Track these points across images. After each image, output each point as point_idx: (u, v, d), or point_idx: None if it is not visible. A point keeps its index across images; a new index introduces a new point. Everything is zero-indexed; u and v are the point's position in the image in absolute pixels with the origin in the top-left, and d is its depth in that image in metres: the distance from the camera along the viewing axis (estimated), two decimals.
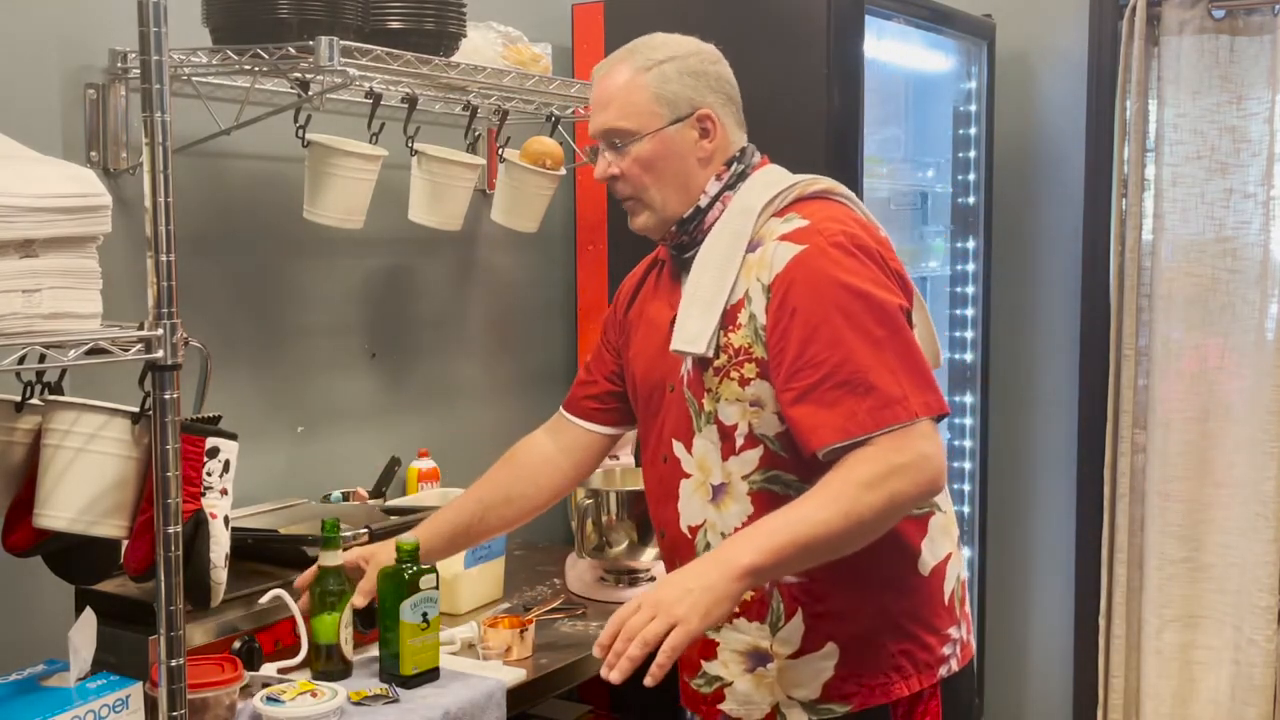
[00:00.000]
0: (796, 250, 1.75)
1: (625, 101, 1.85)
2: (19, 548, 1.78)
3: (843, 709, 1.80)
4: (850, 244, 1.75)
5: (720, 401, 1.80)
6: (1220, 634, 3.27)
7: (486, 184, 2.92)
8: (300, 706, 1.79)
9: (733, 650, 1.86)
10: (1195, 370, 3.25)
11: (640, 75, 1.86)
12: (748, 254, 1.80)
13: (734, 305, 1.79)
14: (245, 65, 2.10)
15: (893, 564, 1.81)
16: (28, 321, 1.47)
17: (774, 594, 1.81)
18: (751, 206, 1.82)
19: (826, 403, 1.68)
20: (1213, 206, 3.21)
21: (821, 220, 1.78)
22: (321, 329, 2.68)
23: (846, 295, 1.71)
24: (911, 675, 1.81)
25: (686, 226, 1.86)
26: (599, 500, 2.54)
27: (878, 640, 1.80)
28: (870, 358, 1.68)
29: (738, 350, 1.78)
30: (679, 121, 1.84)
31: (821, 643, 1.80)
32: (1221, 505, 3.25)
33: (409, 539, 2.01)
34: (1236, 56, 3.16)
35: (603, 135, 1.87)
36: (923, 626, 1.82)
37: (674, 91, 1.85)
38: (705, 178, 1.86)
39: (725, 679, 1.87)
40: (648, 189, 1.85)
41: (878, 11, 2.88)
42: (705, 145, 1.85)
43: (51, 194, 1.48)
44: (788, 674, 1.82)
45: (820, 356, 1.69)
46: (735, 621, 1.83)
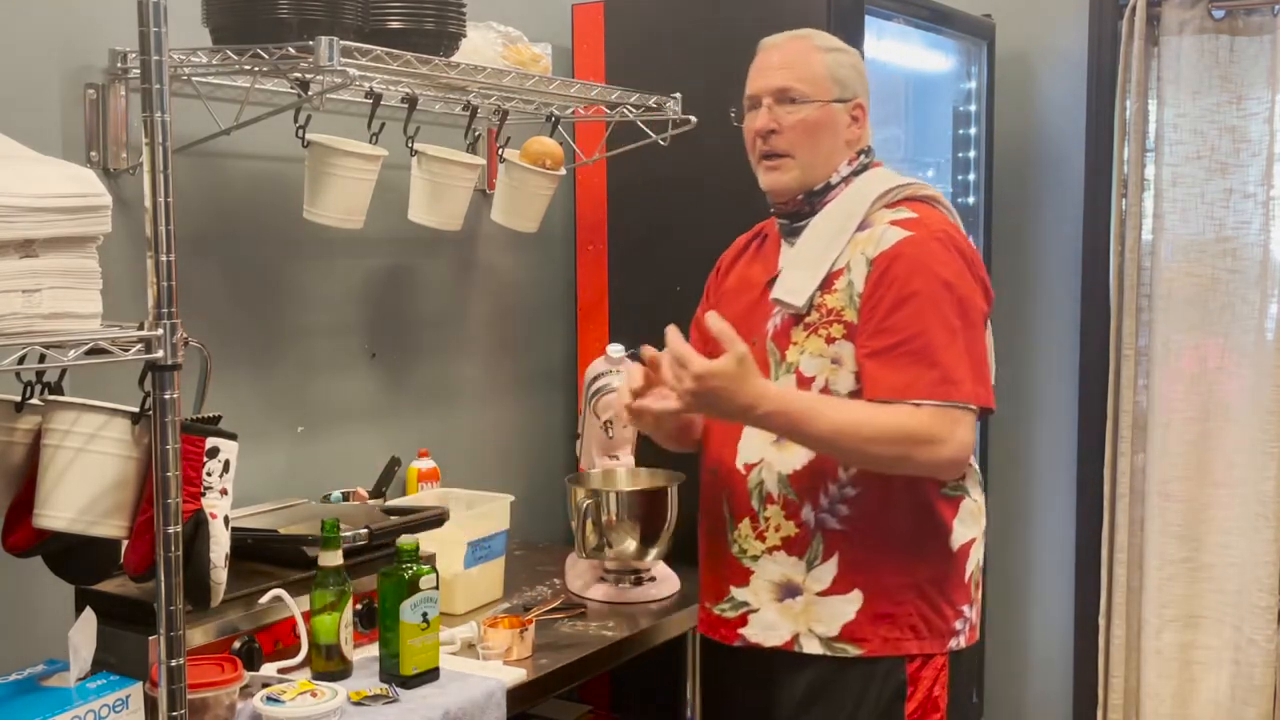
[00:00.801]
0: (904, 235, 1.99)
1: (806, 70, 2.08)
2: (19, 548, 1.78)
3: (856, 651, 2.01)
4: (950, 243, 2.01)
5: (804, 354, 2.02)
6: (1220, 634, 3.27)
7: (486, 184, 2.92)
8: (300, 706, 1.79)
9: (766, 579, 2.06)
10: (1195, 370, 3.25)
11: (820, 54, 2.10)
12: (857, 232, 2.03)
13: (835, 272, 2.02)
14: (245, 65, 2.10)
15: (928, 533, 2.03)
16: (28, 321, 1.47)
17: (816, 535, 2.02)
18: (868, 193, 2.07)
19: (895, 365, 1.93)
20: (1213, 206, 3.21)
21: (928, 217, 2.04)
22: (321, 329, 2.68)
23: (937, 283, 1.96)
24: (925, 637, 2.02)
25: (812, 197, 2.10)
26: (599, 500, 2.54)
27: (900, 596, 2.01)
28: (944, 340, 1.93)
29: (830, 311, 2.01)
30: (842, 102, 2.08)
31: (849, 587, 2.01)
32: (1221, 505, 3.25)
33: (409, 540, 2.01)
34: (1236, 56, 3.16)
35: (776, 92, 2.07)
36: (942, 596, 2.03)
37: (844, 76, 2.09)
38: (842, 159, 2.10)
39: (752, 605, 2.07)
40: (803, 150, 2.07)
41: (878, 11, 2.88)
42: (853, 130, 2.10)
43: (51, 194, 1.48)
44: (813, 609, 2.03)
45: (901, 325, 1.94)
46: (774, 554, 2.04)
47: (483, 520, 2.48)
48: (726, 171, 2.89)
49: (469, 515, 2.48)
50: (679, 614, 2.52)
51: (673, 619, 2.50)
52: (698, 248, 2.96)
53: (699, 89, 2.80)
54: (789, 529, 2.03)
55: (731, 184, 2.89)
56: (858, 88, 2.10)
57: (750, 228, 2.87)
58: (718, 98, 2.82)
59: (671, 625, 2.50)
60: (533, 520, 3.04)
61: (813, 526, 2.02)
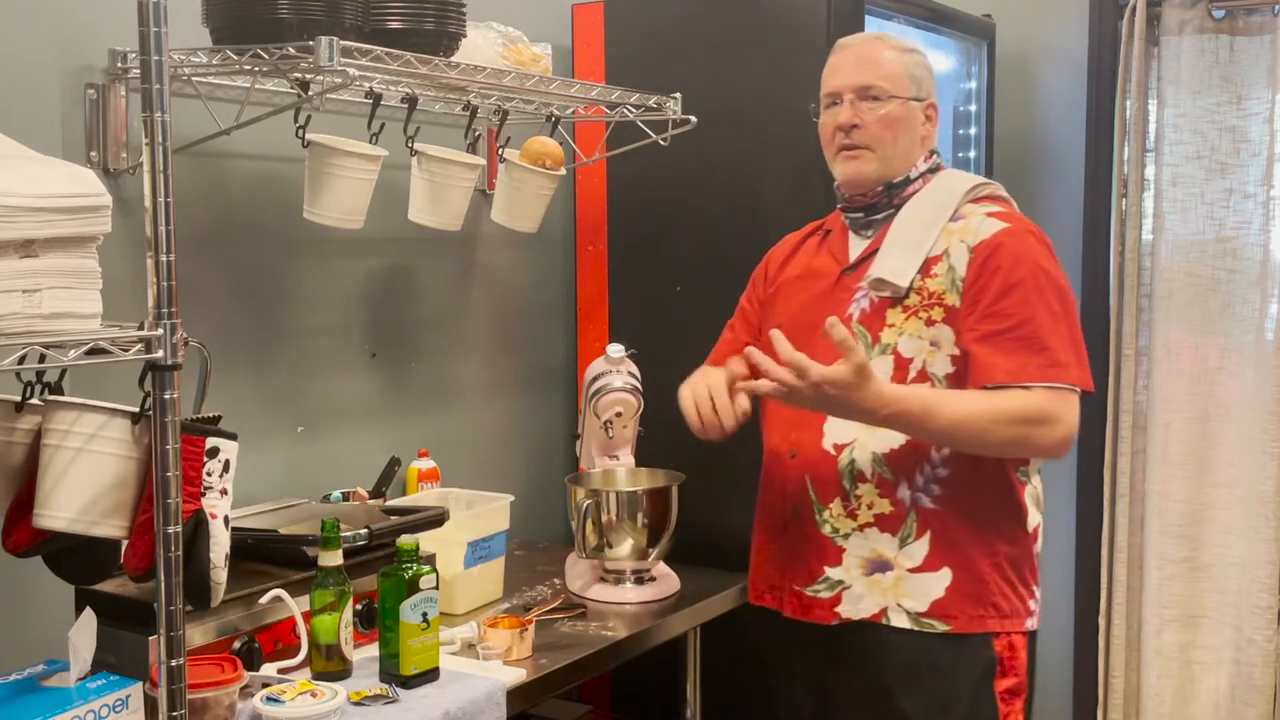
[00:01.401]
0: (1002, 226, 2.11)
1: (886, 67, 2.17)
2: (19, 548, 1.78)
3: (943, 627, 2.09)
4: (1040, 237, 2.13)
5: (903, 335, 2.10)
6: (1220, 634, 3.27)
7: (486, 184, 2.92)
8: (300, 706, 1.79)
9: (858, 556, 2.12)
10: (1195, 370, 3.25)
11: (897, 53, 2.20)
12: (949, 223, 2.13)
13: (932, 257, 2.11)
14: (245, 65, 2.10)
15: (1010, 513, 2.12)
16: (28, 321, 1.47)
17: (910, 514, 2.09)
18: (955, 188, 2.18)
19: (1005, 350, 2.02)
20: (1213, 206, 3.21)
21: (1015, 214, 2.18)
22: (321, 329, 2.68)
23: (1040, 272, 2.07)
24: (1008, 615, 2.11)
25: (892, 190, 2.18)
26: (599, 500, 2.54)
27: (985, 574, 2.09)
28: (1049, 325, 2.03)
29: (931, 294, 2.09)
30: (918, 101, 2.18)
31: (939, 564, 2.09)
32: (1221, 505, 3.25)
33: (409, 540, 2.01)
34: (1236, 56, 3.16)
35: (858, 89, 2.15)
36: (1019, 576, 2.13)
37: (920, 76, 2.20)
38: (918, 155, 2.20)
39: (846, 582, 2.13)
40: (883, 144, 2.16)
41: (878, 11, 2.88)
42: (927, 128, 2.21)
43: (51, 194, 1.48)
44: (903, 584, 2.10)
45: (1009, 311, 2.03)
46: (866, 531, 2.11)
47: (483, 520, 2.48)
48: (726, 171, 2.91)
49: (469, 515, 2.48)
50: (679, 614, 2.52)
51: (673, 619, 2.50)
52: (698, 248, 2.97)
53: (699, 89, 2.80)
54: (883, 506, 2.10)
55: (731, 184, 2.91)
56: (930, 88, 2.21)
57: (750, 228, 2.88)
58: (718, 98, 2.84)
59: (671, 625, 2.50)
60: (533, 520, 3.04)
61: (908, 504, 2.09)
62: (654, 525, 2.55)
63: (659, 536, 2.56)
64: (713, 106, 2.80)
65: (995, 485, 2.11)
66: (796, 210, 2.79)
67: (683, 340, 2.96)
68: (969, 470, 2.08)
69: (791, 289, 2.29)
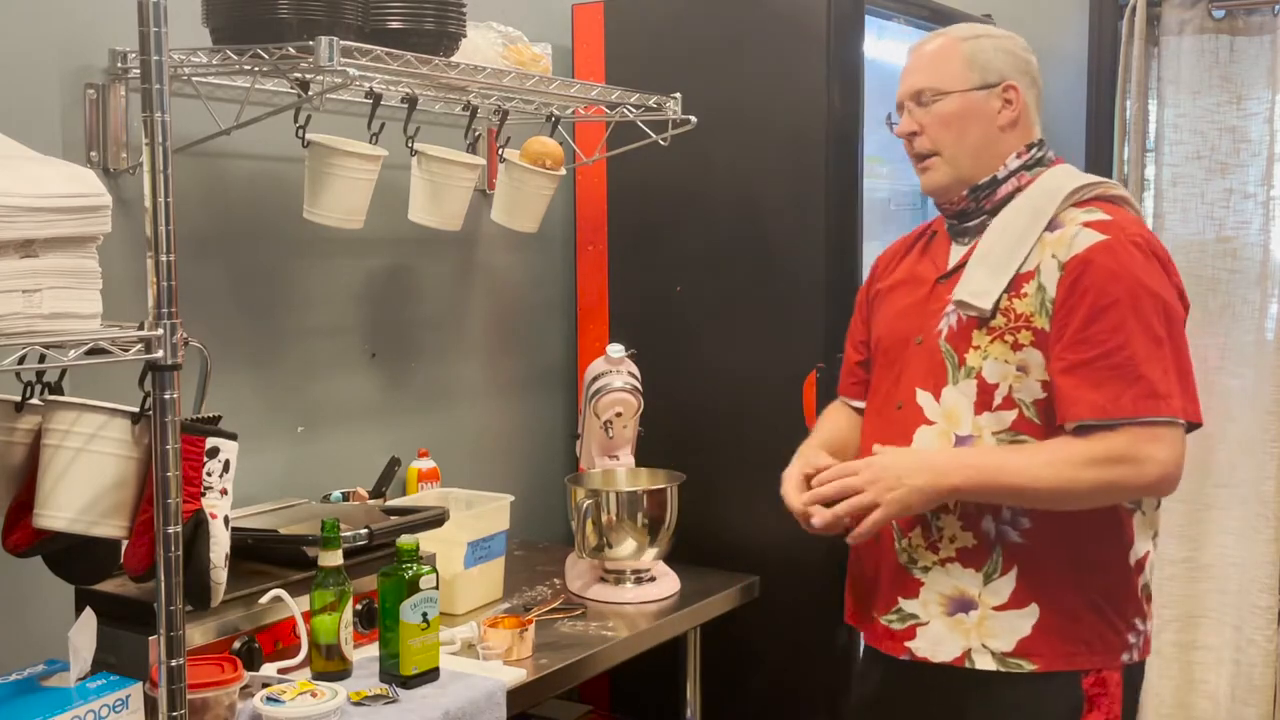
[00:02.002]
0: (1099, 238, 1.88)
1: (939, 63, 2.01)
2: (19, 548, 1.78)
3: (1030, 666, 1.93)
4: (1148, 246, 1.90)
5: (987, 359, 1.93)
6: (1220, 634, 3.27)
7: (486, 184, 2.92)
8: (300, 706, 1.79)
9: (938, 592, 1.97)
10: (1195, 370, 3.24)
11: (957, 44, 2.02)
12: (1046, 232, 1.93)
13: (1023, 274, 1.92)
14: (245, 65, 2.10)
15: (1108, 547, 1.95)
16: (28, 321, 1.47)
17: (996, 548, 1.94)
18: (1057, 190, 1.96)
19: (1094, 381, 1.83)
20: (1213, 206, 3.21)
21: (1124, 219, 1.93)
22: (321, 329, 2.68)
23: (1139, 290, 1.85)
24: (1099, 652, 1.94)
25: (979, 193, 2.01)
26: (599, 500, 2.55)
27: (1076, 611, 1.93)
28: (1147, 351, 1.84)
29: (1019, 316, 1.91)
30: (987, 88, 1.99)
31: (1026, 602, 1.93)
32: (1221, 505, 3.25)
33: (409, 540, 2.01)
34: (1236, 56, 3.16)
35: (913, 96, 2.02)
36: (1115, 611, 1.95)
37: (986, 60, 2.00)
38: (1007, 149, 2.00)
39: (921, 619, 1.99)
40: (947, 146, 2.00)
41: (878, 11, 2.88)
42: (1007, 114, 1.99)
43: (51, 194, 1.48)
44: (988, 623, 1.94)
45: (1101, 337, 1.84)
46: (948, 566, 1.96)
47: (483, 520, 2.48)
48: (726, 171, 2.91)
49: (469, 515, 2.48)
50: (679, 614, 2.52)
51: (673, 619, 2.50)
52: (698, 248, 2.97)
53: (699, 89, 2.80)
54: (966, 540, 1.95)
55: (731, 184, 2.91)
56: (1007, 69, 2.00)
57: (750, 228, 2.88)
58: (718, 98, 2.84)
59: (671, 625, 2.50)
60: (533, 520, 3.04)
61: (993, 538, 1.93)
62: (654, 525, 2.55)
63: (659, 537, 2.56)
64: (713, 106, 2.80)
65: (1092, 517, 1.91)
66: (797, 210, 2.80)
67: (683, 340, 2.98)
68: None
69: (892, 296, 2.13)
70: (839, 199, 2.78)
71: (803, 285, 2.79)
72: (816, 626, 2.76)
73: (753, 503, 2.87)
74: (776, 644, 2.86)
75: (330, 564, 1.97)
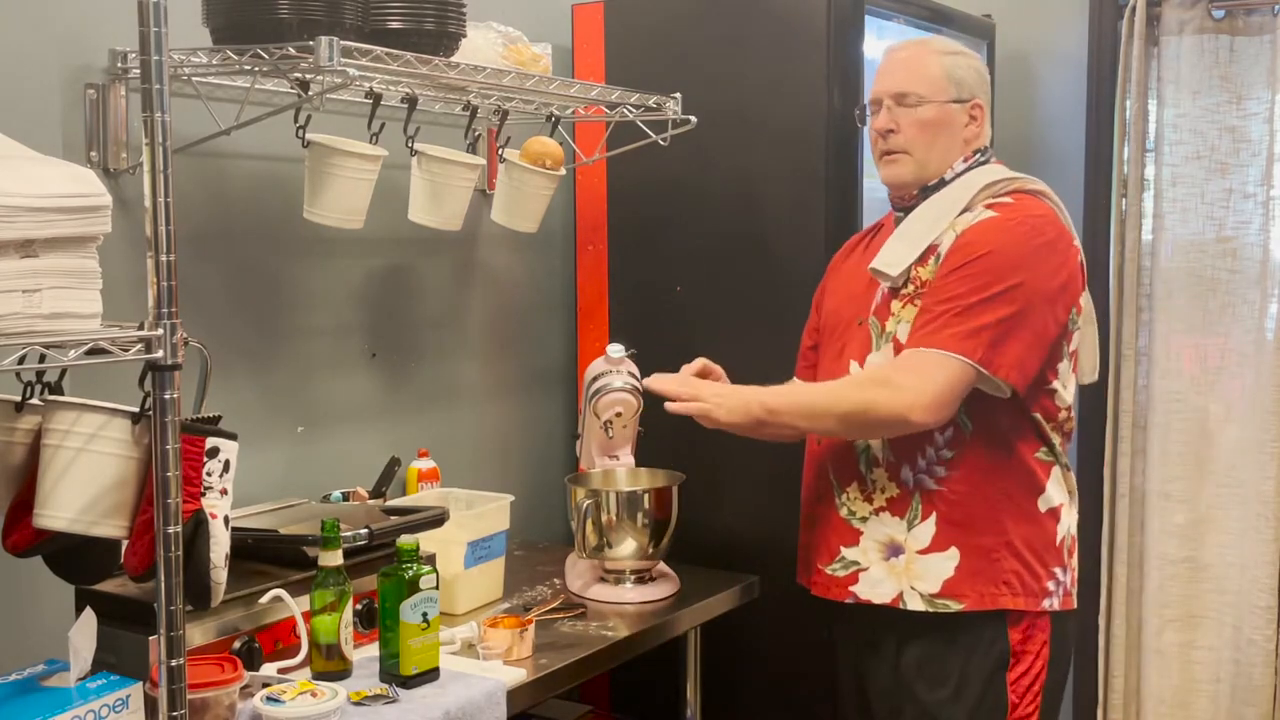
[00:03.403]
0: (992, 215, 2.13)
1: (922, 70, 2.21)
2: (19, 548, 1.78)
3: (956, 606, 2.14)
4: (1036, 228, 2.11)
5: (900, 323, 2.14)
6: (1220, 634, 3.27)
7: (486, 184, 2.92)
8: (300, 706, 1.79)
9: (874, 539, 2.19)
10: (1195, 370, 3.25)
11: (939, 56, 2.23)
12: (958, 216, 2.15)
13: (930, 247, 2.14)
14: (245, 65, 2.10)
15: (1021, 493, 2.15)
16: (28, 321, 1.47)
17: (915, 495, 2.16)
18: (976, 183, 2.18)
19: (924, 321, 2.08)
20: (1213, 206, 3.21)
21: (1024, 206, 2.15)
22: (321, 329, 2.68)
23: (1003, 262, 2.06)
24: (1020, 595, 2.14)
25: (927, 192, 2.22)
26: (599, 500, 2.54)
27: (994, 554, 2.13)
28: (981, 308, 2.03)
29: (923, 282, 2.13)
30: (959, 103, 2.21)
31: (946, 545, 2.14)
32: (1221, 505, 3.25)
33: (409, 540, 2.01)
34: (1236, 56, 3.16)
35: (895, 95, 2.21)
36: (1034, 555, 2.15)
37: (962, 77, 2.22)
38: (957, 156, 2.22)
39: (862, 564, 2.21)
40: (918, 147, 2.20)
41: (878, 11, 2.88)
42: (971, 129, 2.23)
43: (51, 194, 1.48)
44: (914, 567, 2.15)
45: (950, 288, 2.07)
46: (881, 515, 2.18)
47: (483, 520, 2.48)
48: (726, 171, 2.91)
49: (469, 515, 2.48)
50: (679, 614, 2.52)
51: (673, 619, 2.50)
52: (698, 248, 2.97)
53: (699, 89, 2.80)
54: (891, 490, 2.17)
55: (731, 184, 2.91)
56: (976, 88, 2.23)
57: (750, 227, 2.88)
58: (718, 98, 2.84)
59: (671, 625, 2.50)
60: (533, 520, 3.04)
61: (911, 487, 2.16)
62: (654, 525, 2.55)
63: (659, 536, 2.56)
64: (713, 106, 2.80)
65: (1004, 466, 2.14)
66: (797, 210, 2.80)
67: (683, 340, 2.97)
68: (975, 451, 2.13)
69: (838, 285, 2.37)
70: (839, 199, 2.78)
71: (803, 285, 2.79)
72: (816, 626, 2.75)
73: (753, 503, 2.87)
74: (776, 644, 2.86)
75: (330, 564, 1.97)
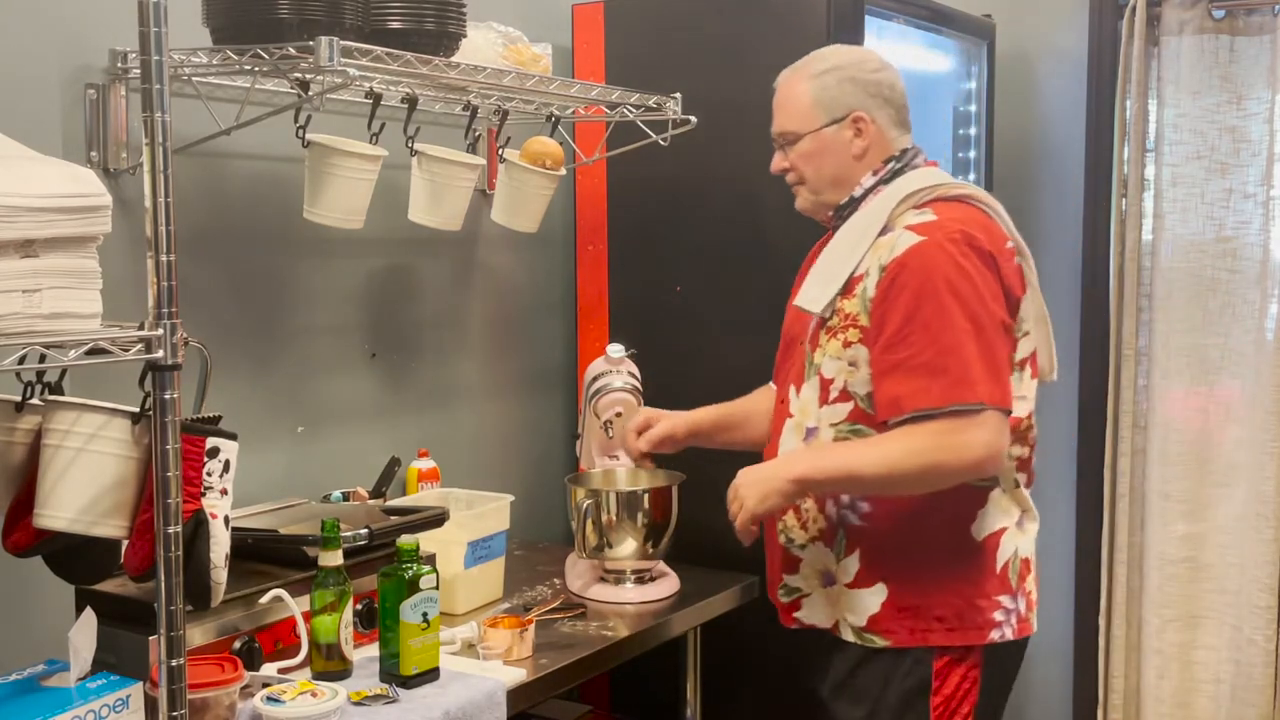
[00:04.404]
0: (916, 241, 2.01)
1: (791, 106, 2.18)
2: (19, 548, 1.78)
3: (883, 642, 2.08)
4: (965, 243, 2.00)
5: (825, 356, 2.09)
6: (1220, 634, 3.27)
7: (486, 184, 2.92)
8: (300, 706, 1.79)
9: (812, 567, 2.16)
10: (1195, 370, 3.25)
11: (804, 83, 2.17)
12: (879, 237, 2.07)
13: (855, 277, 2.06)
14: (245, 65, 2.10)
15: (950, 523, 2.07)
16: (28, 321, 1.47)
17: (840, 530, 2.11)
18: (893, 196, 2.10)
19: (905, 379, 1.96)
20: (1213, 206, 3.21)
21: (948, 218, 2.04)
22: (321, 329, 2.68)
23: (945, 289, 1.96)
24: (955, 630, 2.06)
25: (842, 211, 2.17)
26: (599, 500, 2.54)
27: (925, 589, 2.06)
28: (953, 344, 1.95)
29: (847, 315, 2.06)
30: (835, 123, 2.14)
31: (872, 580, 2.08)
32: (1221, 505, 3.25)
33: (409, 540, 2.01)
34: (1236, 56, 3.16)
35: (778, 136, 2.21)
36: (970, 588, 2.07)
37: (831, 98, 2.14)
38: (860, 171, 2.15)
39: (804, 590, 2.18)
40: (809, 178, 2.18)
41: (878, 11, 2.88)
42: (858, 143, 2.14)
43: (51, 194, 1.48)
44: (844, 599, 2.12)
45: (911, 338, 1.96)
46: (815, 544, 2.14)
47: (483, 520, 2.48)
48: (726, 171, 2.91)
49: (469, 515, 2.48)
50: (679, 614, 2.52)
51: (673, 619, 2.50)
52: (698, 248, 2.97)
53: (699, 89, 2.80)
54: (820, 522, 2.13)
55: (731, 184, 2.91)
56: (854, 100, 2.13)
57: (750, 228, 2.88)
58: (718, 98, 2.84)
59: (671, 625, 2.50)
60: (533, 520, 3.04)
61: (836, 521, 2.11)
62: (654, 525, 2.55)
63: (659, 536, 2.56)
64: (713, 106, 2.80)
65: (933, 498, 2.03)
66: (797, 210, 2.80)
67: (683, 340, 2.98)
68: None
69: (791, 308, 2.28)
70: None
71: None
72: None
73: None
74: (776, 644, 2.85)
75: (330, 564, 1.97)
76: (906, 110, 2.19)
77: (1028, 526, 2.15)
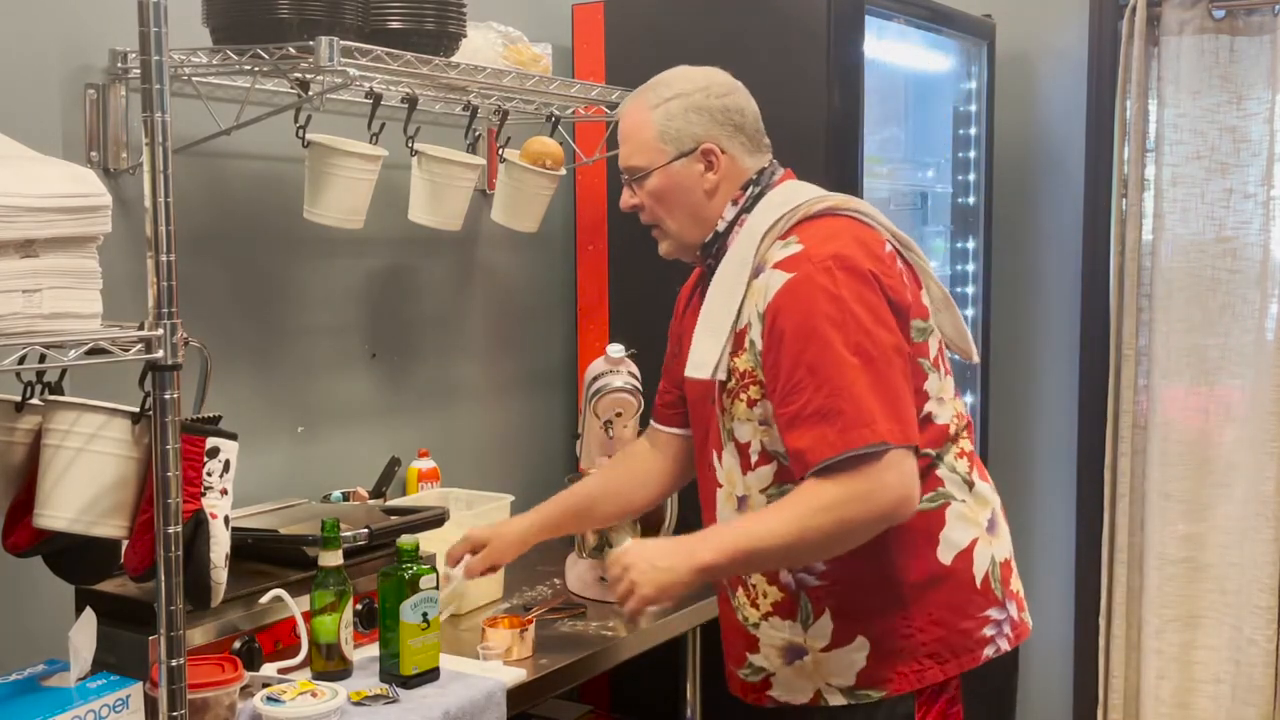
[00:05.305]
0: (786, 279, 1.83)
1: (636, 139, 1.97)
2: (19, 548, 1.78)
3: (879, 694, 1.91)
4: (838, 267, 1.82)
5: (735, 420, 1.92)
6: (1220, 634, 3.27)
7: (486, 184, 2.92)
8: (300, 706, 1.79)
9: (771, 645, 1.97)
10: (1195, 370, 3.25)
11: (647, 113, 1.97)
12: (752, 280, 1.89)
13: (740, 330, 1.89)
14: (245, 65, 2.10)
15: (913, 556, 1.90)
16: (28, 321, 1.47)
17: (801, 595, 1.93)
18: (756, 231, 1.91)
19: (804, 430, 1.79)
20: (1213, 206, 3.21)
21: (815, 244, 1.86)
22: (321, 329, 2.68)
23: (826, 324, 1.79)
24: (950, 659, 1.91)
25: (709, 250, 1.99)
26: None
27: (907, 630, 1.90)
28: (841, 384, 1.77)
29: (743, 374, 1.88)
30: (683, 157, 1.95)
31: (852, 637, 1.91)
32: (1221, 505, 3.25)
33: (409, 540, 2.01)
34: (1236, 57, 3.16)
35: (623, 171, 2.01)
36: (955, 613, 1.91)
37: (678, 129, 1.95)
38: (718, 206, 1.97)
39: (769, 669, 1.99)
40: (663, 219, 1.99)
41: (878, 11, 2.88)
42: (710, 177, 1.95)
43: (51, 194, 1.48)
44: (824, 664, 1.93)
45: (800, 386, 1.79)
46: (771, 619, 1.96)
47: (483, 520, 2.48)
48: None
49: (469, 515, 2.48)
50: (679, 614, 2.52)
51: (673, 619, 2.50)
52: None
53: None
54: (774, 594, 1.95)
55: None
56: (701, 131, 1.94)
57: None
58: None
59: (671, 625, 2.50)
60: None
61: (794, 588, 1.93)
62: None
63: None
64: None
65: (886, 537, 1.84)
66: None
67: None
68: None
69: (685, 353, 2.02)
70: None
71: None
72: None
73: None
74: None
75: (330, 564, 1.97)
76: (761, 133, 2.01)
77: (996, 529, 1.99)
